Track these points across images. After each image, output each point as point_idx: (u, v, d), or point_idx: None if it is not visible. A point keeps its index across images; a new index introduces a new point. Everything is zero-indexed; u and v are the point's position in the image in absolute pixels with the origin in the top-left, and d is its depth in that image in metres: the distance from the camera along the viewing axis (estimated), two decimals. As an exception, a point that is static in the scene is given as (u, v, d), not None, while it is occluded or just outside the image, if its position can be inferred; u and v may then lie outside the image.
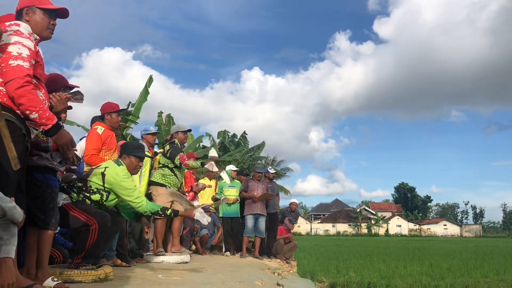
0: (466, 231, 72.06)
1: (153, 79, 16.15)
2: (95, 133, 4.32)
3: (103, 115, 4.51)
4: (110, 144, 4.38)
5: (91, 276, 2.93)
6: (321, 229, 70.79)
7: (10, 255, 1.93)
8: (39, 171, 2.76)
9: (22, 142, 2.17)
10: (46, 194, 2.76)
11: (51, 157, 2.82)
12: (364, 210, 73.67)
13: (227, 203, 7.14)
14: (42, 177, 2.76)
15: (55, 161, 2.85)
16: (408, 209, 79.45)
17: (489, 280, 9.64)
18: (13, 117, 2.14)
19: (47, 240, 2.77)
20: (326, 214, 77.70)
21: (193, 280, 3.48)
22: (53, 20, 2.49)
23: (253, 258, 6.77)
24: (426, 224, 73.10)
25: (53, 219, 2.78)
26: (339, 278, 9.70)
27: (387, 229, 67.90)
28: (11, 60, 2.17)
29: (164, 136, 16.22)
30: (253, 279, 3.93)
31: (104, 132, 4.35)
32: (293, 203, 8.79)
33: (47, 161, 2.79)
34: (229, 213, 7.23)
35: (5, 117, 2.07)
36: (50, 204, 2.79)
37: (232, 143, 22.94)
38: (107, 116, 4.48)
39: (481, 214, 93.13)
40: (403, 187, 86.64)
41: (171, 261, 4.89)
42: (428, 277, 9.93)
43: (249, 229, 7.00)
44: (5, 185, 1.98)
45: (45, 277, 2.64)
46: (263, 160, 23.86)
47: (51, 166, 2.82)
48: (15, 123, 2.15)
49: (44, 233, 2.75)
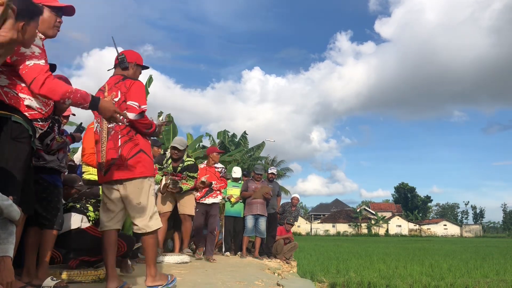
0: (466, 231, 72.02)
1: (153, 79, 16.16)
2: (92, 132, 4.32)
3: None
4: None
5: (91, 276, 2.93)
6: (321, 229, 70.74)
7: (9, 253, 1.91)
8: (47, 172, 2.81)
9: (28, 143, 2.17)
10: (53, 194, 2.83)
11: (58, 159, 2.88)
12: (364, 210, 73.61)
13: (229, 201, 7.16)
14: (49, 178, 2.84)
15: (62, 163, 2.91)
16: (408, 209, 79.39)
17: (489, 280, 9.64)
18: (20, 118, 2.14)
19: (51, 240, 2.80)
20: (326, 214, 77.65)
21: (193, 280, 3.48)
22: (59, 17, 2.44)
23: (253, 258, 6.77)
24: (426, 224, 73.03)
25: (60, 219, 2.85)
26: (339, 278, 9.70)
27: (387, 229, 67.86)
28: (27, 61, 2.15)
29: (164, 137, 16.23)
30: (253, 279, 3.93)
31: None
32: (294, 197, 8.80)
33: (55, 162, 2.84)
34: (231, 213, 7.23)
35: (13, 119, 2.07)
36: (57, 204, 2.87)
37: (232, 143, 22.93)
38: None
39: (481, 214, 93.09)
40: (403, 187, 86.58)
41: (171, 261, 4.89)
42: (428, 277, 9.93)
43: (249, 229, 7.00)
44: (9, 185, 1.98)
45: (44, 276, 2.65)
46: (263, 160, 23.84)
47: (58, 168, 2.87)
48: (23, 124, 2.14)
49: (49, 232, 2.79)
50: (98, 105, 2.35)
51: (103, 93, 2.75)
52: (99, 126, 2.88)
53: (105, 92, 2.73)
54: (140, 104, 2.79)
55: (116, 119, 2.46)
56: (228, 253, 7.16)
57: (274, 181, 8.07)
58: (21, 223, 2.20)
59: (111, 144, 2.78)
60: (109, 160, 2.77)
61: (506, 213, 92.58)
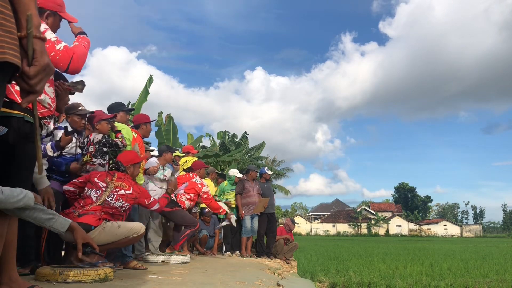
0: (466, 231, 71.99)
1: (153, 79, 16.15)
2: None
3: (138, 125, 4.93)
4: (140, 150, 4.73)
5: (91, 276, 2.92)
6: (321, 229, 70.75)
7: (67, 222, 2.27)
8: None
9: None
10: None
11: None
12: (364, 210, 73.63)
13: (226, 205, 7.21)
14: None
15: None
16: (408, 209, 79.37)
17: (489, 280, 9.62)
18: (31, 118, 2.14)
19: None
20: (326, 214, 77.67)
21: (193, 280, 3.48)
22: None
23: (253, 258, 6.79)
24: (426, 224, 73.01)
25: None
26: (339, 278, 9.68)
27: (387, 229, 67.86)
28: (56, 45, 2.31)
29: (164, 137, 16.23)
30: (253, 279, 3.93)
31: (138, 137, 4.75)
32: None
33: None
34: (230, 214, 7.28)
35: (25, 119, 2.06)
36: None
37: (232, 143, 22.92)
38: (143, 125, 4.94)
39: (481, 214, 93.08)
40: (403, 187, 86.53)
41: (171, 261, 4.90)
42: (428, 277, 9.92)
43: (247, 230, 7.05)
44: (23, 186, 1.99)
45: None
46: (263, 160, 23.83)
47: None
48: (33, 123, 2.15)
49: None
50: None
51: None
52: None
53: None
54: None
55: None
56: (228, 252, 7.19)
57: (268, 181, 8.11)
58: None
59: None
60: None
61: (506, 213, 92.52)
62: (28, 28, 1.25)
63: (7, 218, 1.87)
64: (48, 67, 1.29)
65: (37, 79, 1.27)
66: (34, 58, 1.27)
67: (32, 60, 1.26)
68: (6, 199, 1.80)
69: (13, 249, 2.06)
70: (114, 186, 3.66)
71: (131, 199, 3.74)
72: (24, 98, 1.29)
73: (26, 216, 2.03)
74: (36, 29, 1.28)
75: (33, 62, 1.26)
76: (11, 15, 1.24)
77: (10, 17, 1.24)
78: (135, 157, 4.08)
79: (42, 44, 1.29)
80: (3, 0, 1.22)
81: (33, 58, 1.27)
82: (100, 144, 4.00)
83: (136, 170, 4.05)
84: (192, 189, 5.84)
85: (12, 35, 1.22)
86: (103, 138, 4.03)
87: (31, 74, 1.26)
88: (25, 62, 1.26)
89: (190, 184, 5.87)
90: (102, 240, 3.27)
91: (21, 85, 1.28)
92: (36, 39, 1.27)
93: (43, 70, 1.28)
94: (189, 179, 5.97)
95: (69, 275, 2.88)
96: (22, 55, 1.26)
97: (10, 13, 1.24)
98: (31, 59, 1.26)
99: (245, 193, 7.14)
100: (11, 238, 2.01)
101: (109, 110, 4.65)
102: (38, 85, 1.29)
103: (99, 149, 3.99)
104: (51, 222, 2.18)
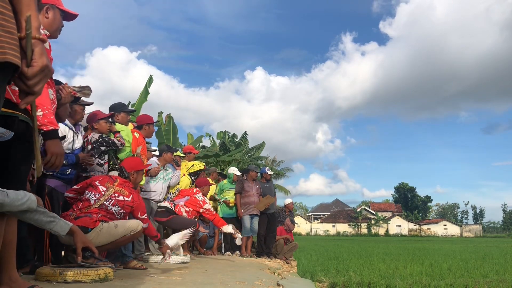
0: (466, 231, 71.99)
1: (153, 79, 16.14)
2: (133, 136, 4.70)
3: (140, 126, 4.97)
4: (142, 152, 4.79)
5: (91, 276, 2.92)
6: (321, 229, 70.74)
7: (68, 226, 2.29)
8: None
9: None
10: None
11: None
12: (364, 210, 73.60)
13: (225, 203, 7.23)
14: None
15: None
16: (408, 209, 79.32)
17: (489, 280, 9.62)
18: (27, 117, 2.14)
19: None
20: (326, 214, 77.65)
21: (193, 280, 3.48)
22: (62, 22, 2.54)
23: (253, 258, 6.79)
24: (426, 224, 73.00)
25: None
26: (339, 278, 9.68)
27: (387, 229, 67.84)
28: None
29: (164, 137, 16.22)
30: (253, 279, 3.93)
31: (140, 138, 4.79)
32: (290, 204, 8.85)
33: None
34: (229, 214, 7.28)
35: (21, 118, 2.05)
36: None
37: (232, 143, 22.92)
38: (146, 126, 4.98)
39: (481, 214, 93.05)
40: (403, 187, 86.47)
41: (171, 261, 4.89)
42: (428, 277, 9.91)
43: (246, 229, 7.05)
44: (19, 187, 1.98)
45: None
46: (263, 160, 23.82)
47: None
48: (29, 123, 2.14)
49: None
50: (56, 138, 2.31)
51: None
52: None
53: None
54: None
55: (54, 160, 2.32)
56: (228, 252, 7.19)
57: (269, 181, 8.10)
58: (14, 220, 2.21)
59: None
60: None
61: (506, 213, 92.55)
62: (27, 29, 1.25)
63: (4, 217, 1.87)
64: (47, 69, 1.29)
65: (35, 80, 1.27)
66: (32, 59, 1.27)
67: (31, 61, 1.26)
68: (11, 203, 1.80)
69: (12, 249, 2.06)
70: (114, 191, 3.64)
71: (128, 207, 3.70)
72: (23, 99, 1.29)
73: (27, 218, 2.03)
74: (36, 30, 1.28)
75: (32, 63, 1.26)
76: (12, 16, 1.24)
77: (11, 18, 1.24)
78: (139, 164, 4.04)
79: (41, 45, 1.29)
80: (3, 1, 1.22)
81: (31, 59, 1.27)
82: (97, 143, 4.00)
83: (139, 177, 4.00)
84: (192, 205, 5.76)
85: (12, 35, 1.22)
86: (100, 137, 4.03)
87: (30, 75, 1.26)
88: (24, 63, 1.25)
89: (192, 200, 5.79)
90: (100, 241, 3.26)
91: (19, 86, 1.28)
92: (36, 40, 1.27)
93: (42, 71, 1.28)
94: (192, 194, 5.89)
95: (69, 275, 2.88)
96: (22, 56, 1.26)
97: (10, 14, 1.24)
98: (30, 60, 1.26)
99: (245, 193, 7.13)
100: (10, 238, 2.01)
101: (110, 110, 4.65)
102: (36, 86, 1.28)
103: (97, 148, 3.98)
104: (51, 224, 2.18)
